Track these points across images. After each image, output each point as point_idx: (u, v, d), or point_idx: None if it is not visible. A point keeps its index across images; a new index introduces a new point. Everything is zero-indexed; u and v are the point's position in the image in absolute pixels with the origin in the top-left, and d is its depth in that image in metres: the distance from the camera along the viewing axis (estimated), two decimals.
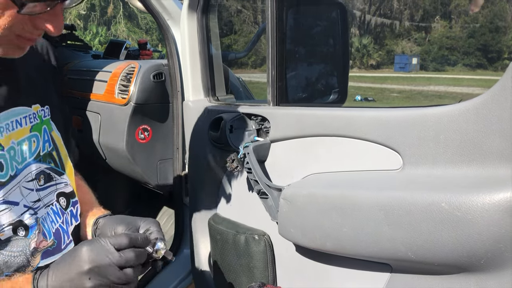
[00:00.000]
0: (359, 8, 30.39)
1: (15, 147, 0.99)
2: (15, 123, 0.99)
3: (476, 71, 26.74)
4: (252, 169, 1.25)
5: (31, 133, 1.03)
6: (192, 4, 1.62)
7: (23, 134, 1.01)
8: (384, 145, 0.98)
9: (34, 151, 1.04)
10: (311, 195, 1.06)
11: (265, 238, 1.33)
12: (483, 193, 0.74)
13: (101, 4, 27.35)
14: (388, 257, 0.91)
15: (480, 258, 0.75)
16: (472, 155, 0.81)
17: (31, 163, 1.03)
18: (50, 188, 1.08)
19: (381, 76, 24.96)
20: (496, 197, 0.72)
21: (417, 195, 0.82)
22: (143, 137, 2.01)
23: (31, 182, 1.02)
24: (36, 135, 1.05)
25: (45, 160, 1.07)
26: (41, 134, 1.06)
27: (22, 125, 1.01)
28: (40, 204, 1.04)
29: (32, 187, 1.02)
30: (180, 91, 1.80)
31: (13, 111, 0.99)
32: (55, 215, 1.07)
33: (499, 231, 0.72)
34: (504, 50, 28.06)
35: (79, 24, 25.50)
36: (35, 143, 1.04)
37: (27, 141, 1.02)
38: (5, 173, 0.95)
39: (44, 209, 1.04)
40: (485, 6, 28.97)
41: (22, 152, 1.01)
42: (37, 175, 1.04)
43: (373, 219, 0.89)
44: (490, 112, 0.78)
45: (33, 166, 1.03)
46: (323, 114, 1.15)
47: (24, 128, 1.01)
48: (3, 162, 0.95)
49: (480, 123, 0.79)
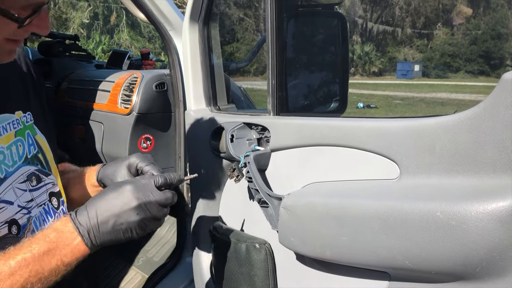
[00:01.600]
0: (361, 15, 30.47)
1: (5, 152, 1.03)
2: (1, 129, 1.03)
3: (479, 77, 26.72)
4: (253, 178, 1.26)
5: (16, 138, 1.07)
6: (193, 15, 1.64)
7: (9, 139, 1.04)
8: (381, 154, 0.99)
9: (22, 154, 1.08)
10: (310, 204, 1.07)
11: (266, 246, 1.34)
12: (477, 202, 0.75)
13: (104, 13, 27.50)
14: (386, 266, 0.92)
15: (475, 267, 0.77)
16: (466, 165, 0.83)
17: (21, 166, 1.06)
18: (41, 189, 1.12)
19: (383, 83, 24.97)
20: (490, 207, 0.73)
21: (413, 204, 0.84)
22: (145, 146, 2.03)
23: (24, 184, 1.06)
24: (21, 139, 1.08)
25: (33, 162, 1.11)
26: (25, 138, 1.10)
27: (8, 131, 1.05)
28: (33, 204, 1.08)
29: (25, 188, 1.06)
30: (182, 101, 1.82)
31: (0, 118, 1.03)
32: (47, 215, 1.11)
33: (493, 240, 0.73)
34: (506, 56, 28.06)
35: (82, 32, 25.63)
36: (21, 147, 1.08)
37: (14, 145, 1.06)
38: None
39: (36, 208, 1.08)
40: (486, 13, 29.01)
41: (12, 156, 1.05)
42: (28, 177, 1.08)
43: (371, 228, 0.90)
44: (483, 123, 0.79)
45: (24, 169, 1.07)
46: (323, 124, 1.16)
47: (9, 134, 1.05)
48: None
49: (473, 133, 0.81)
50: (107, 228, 0.95)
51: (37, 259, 0.90)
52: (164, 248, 2.43)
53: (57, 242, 0.92)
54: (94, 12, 27.16)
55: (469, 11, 28.10)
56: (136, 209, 0.95)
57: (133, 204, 0.95)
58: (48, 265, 0.90)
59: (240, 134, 1.40)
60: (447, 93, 19.67)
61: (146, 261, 2.41)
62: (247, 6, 27.07)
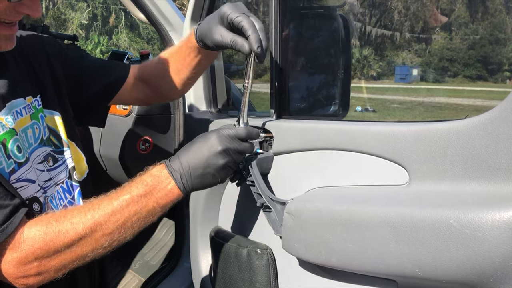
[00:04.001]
0: (359, 19, 30.55)
1: (21, 134, 1.09)
2: (16, 113, 1.09)
3: (477, 82, 26.80)
4: (255, 182, 1.23)
5: (32, 121, 1.13)
6: (194, 15, 1.62)
7: (25, 122, 1.11)
8: (389, 159, 0.97)
9: (38, 136, 1.15)
10: (316, 210, 1.04)
11: (267, 252, 1.32)
12: (493, 210, 0.72)
13: (103, 14, 27.52)
14: (394, 274, 0.90)
15: (489, 276, 0.74)
16: (480, 171, 0.80)
17: (37, 147, 1.14)
18: (60, 167, 1.19)
19: (381, 87, 25.01)
20: (506, 215, 0.71)
21: (425, 211, 0.81)
22: (144, 148, 2.00)
23: (41, 164, 1.14)
24: (36, 122, 1.15)
25: (48, 144, 1.18)
26: (40, 121, 1.16)
27: (23, 115, 1.11)
28: (51, 183, 1.15)
29: (43, 168, 1.14)
30: (182, 103, 1.80)
31: (13, 103, 1.09)
32: (64, 192, 1.19)
33: (509, 250, 0.71)
34: (504, 62, 28.14)
35: (81, 33, 25.64)
36: (38, 129, 1.15)
37: (30, 128, 1.12)
38: (22, 154, 1.06)
39: (54, 187, 1.16)
40: (485, 18, 29.13)
41: (28, 138, 1.11)
42: (45, 157, 1.15)
43: (379, 235, 0.88)
44: (498, 129, 0.77)
45: (40, 150, 1.14)
46: (327, 127, 1.14)
47: (25, 117, 1.11)
48: (20, 145, 1.06)
49: (487, 139, 0.78)
50: (197, 172, 1.05)
51: (136, 200, 1.01)
52: (161, 251, 2.41)
53: (153, 186, 1.03)
54: (93, 13, 27.17)
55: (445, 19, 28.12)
56: (220, 153, 1.06)
57: (219, 149, 1.05)
58: (145, 206, 1.02)
59: None
60: (445, 98, 19.71)
61: (143, 264, 2.39)
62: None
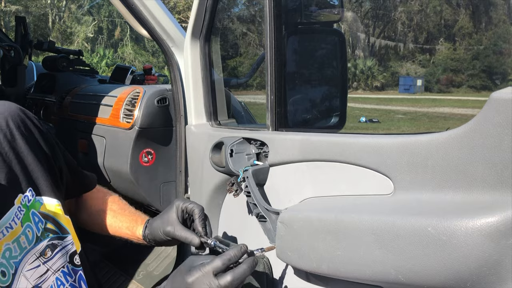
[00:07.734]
0: (363, 30, 30.63)
1: (10, 246, 1.02)
2: (5, 230, 1.01)
3: (481, 92, 26.75)
4: (251, 192, 1.28)
5: (23, 227, 1.05)
6: (195, 31, 1.67)
7: (16, 233, 1.04)
8: (377, 170, 1.01)
9: (32, 238, 1.07)
10: (306, 219, 1.08)
11: (264, 260, 1.36)
12: (467, 218, 0.77)
13: (108, 27, 27.77)
14: (380, 280, 0.94)
15: (466, 281, 0.78)
16: (457, 181, 0.84)
17: (31, 249, 1.07)
18: (58, 254, 1.13)
19: (386, 97, 25.03)
20: (479, 222, 0.75)
21: (406, 220, 0.85)
22: (146, 160, 2.05)
23: (36, 261, 1.07)
24: (28, 225, 1.07)
25: (44, 237, 1.10)
26: (32, 221, 1.08)
27: (13, 227, 1.03)
28: (49, 273, 1.09)
29: (38, 263, 1.07)
30: (183, 116, 1.85)
31: (2, 221, 1.01)
32: (65, 276, 1.13)
33: (482, 255, 0.75)
34: (508, 71, 28.09)
35: (87, 46, 25.86)
36: (31, 232, 1.07)
37: (22, 235, 1.05)
38: (7, 278, 1.00)
39: (52, 276, 1.09)
40: (488, 28, 29.14)
41: (21, 245, 1.04)
42: (41, 253, 1.08)
43: (365, 243, 0.92)
44: (473, 141, 0.81)
45: (33, 250, 1.07)
46: (320, 140, 1.18)
47: (16, 229, 1.04)
48: (4, 269, 0.99)
49: (464, 151, 0.83)
50: None
51: None
52: (164, 262, 2.44)
53: None
54: (99, 26, 27.43)
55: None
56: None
57: None
58: None
59: (239, 149, 1.42)
60: (449, 108, 19.69)
61: (147, 275, 2.42)
62: (250, 21, 27.30)
